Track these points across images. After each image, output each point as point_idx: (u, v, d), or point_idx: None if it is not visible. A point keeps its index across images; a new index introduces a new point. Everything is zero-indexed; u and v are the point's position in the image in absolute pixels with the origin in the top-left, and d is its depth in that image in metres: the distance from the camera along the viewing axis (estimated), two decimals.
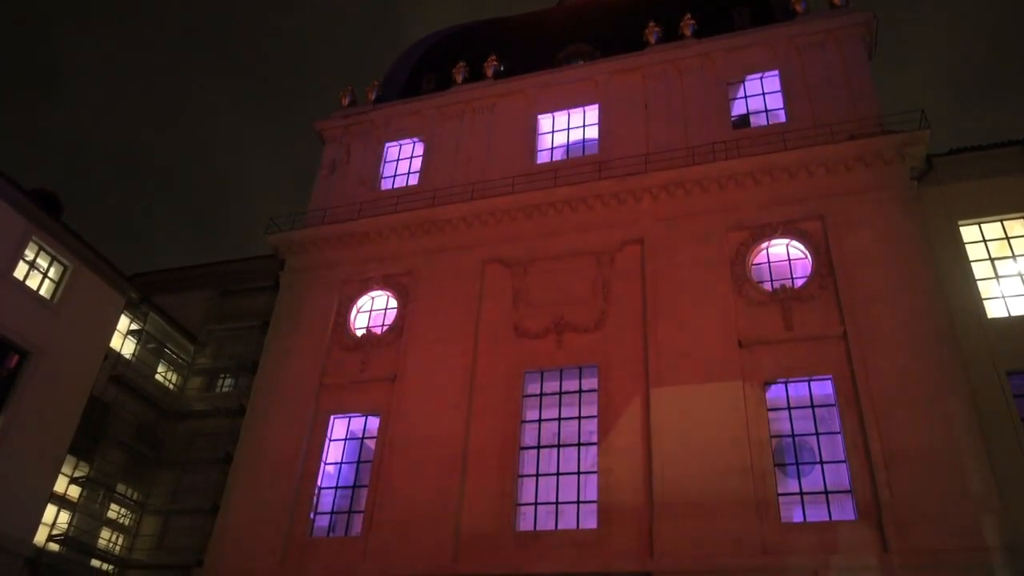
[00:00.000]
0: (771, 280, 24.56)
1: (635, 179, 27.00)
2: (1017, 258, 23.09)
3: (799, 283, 23.93)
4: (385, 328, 28.08)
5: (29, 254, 26.02)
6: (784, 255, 25.03)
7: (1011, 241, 23.33)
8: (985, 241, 23.47)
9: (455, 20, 51.05)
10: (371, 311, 29.29)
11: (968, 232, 23.57)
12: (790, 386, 22.55)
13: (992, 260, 23.18)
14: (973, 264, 22.96)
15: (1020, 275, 22.81)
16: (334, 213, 31.40)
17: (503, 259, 27.57)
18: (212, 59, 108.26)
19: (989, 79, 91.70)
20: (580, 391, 24.53)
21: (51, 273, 26.80)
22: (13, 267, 25.26)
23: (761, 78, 29.06)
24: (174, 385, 32.91)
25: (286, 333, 28.91)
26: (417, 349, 26.68)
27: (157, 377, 32.41)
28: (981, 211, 23.64)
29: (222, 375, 33.33)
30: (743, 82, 29.28)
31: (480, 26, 40.60)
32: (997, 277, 22.92)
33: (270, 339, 29.15)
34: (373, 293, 29.31)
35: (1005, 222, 23.52)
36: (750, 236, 25.03)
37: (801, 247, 24.71)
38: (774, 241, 25.08)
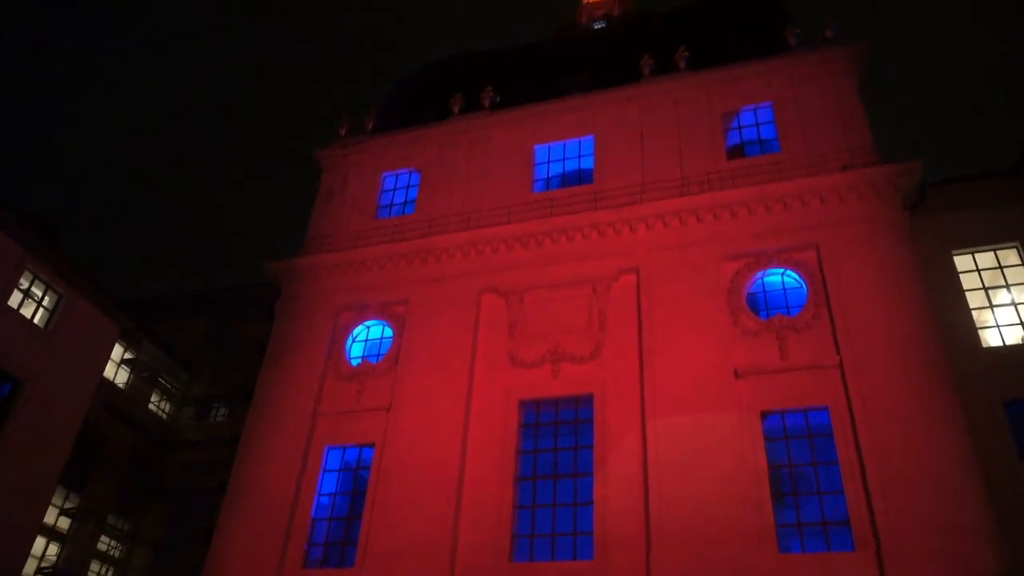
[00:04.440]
0: (766, 309, 24.63)
1: (630, 209, 27.13)
2: (1011, 287, 23.21)
3: (794, 312, 23.99)
4: (381, 357, 28.00)
5: (24, 282, 25.97)
6: (779, 284, 25.11)
7: (1004, 270, 23.46)
8: (979, 270, 23.59)
9: (452, 50, 51.75)
10: (367, 340, 29.23)
11: (962, 261, 23.70)
12: (787, 416, 22.49)
13: (986, 289, 23.29)
14: (967, 293, 23.06)
15: (1014, 304, 22.91)
16: (331, 241, 31.45)
17: (499, 289, 27.60)
18: (214, 90, 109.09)
19: (981, 108, 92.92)
20: (576, 421, 24.43)
21: (45, 301, 26.74)
22: (7, 296, 25.20)
23: (755, 109, 29.35)
24: (167, 414, 32.72)
25: (281, 361, 28.74)
26: (412, 378, 26.55)
27: (150, 406, 32.23)
28: (974, 240, 23.79)
29: (216, 404, 33.22)
30: (738, 113, 29.55)
31: (477, 56, 41.01)
32: (992, 306, 23.02)
33: (265, 367, 28.96)
34: (369, 322, 29.27)
35: (998, 251, 23.68)
36: (745, 265, 25.13)
37: (796, 276, 24.80)
38: (769, 270, 25.16)
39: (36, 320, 26.26)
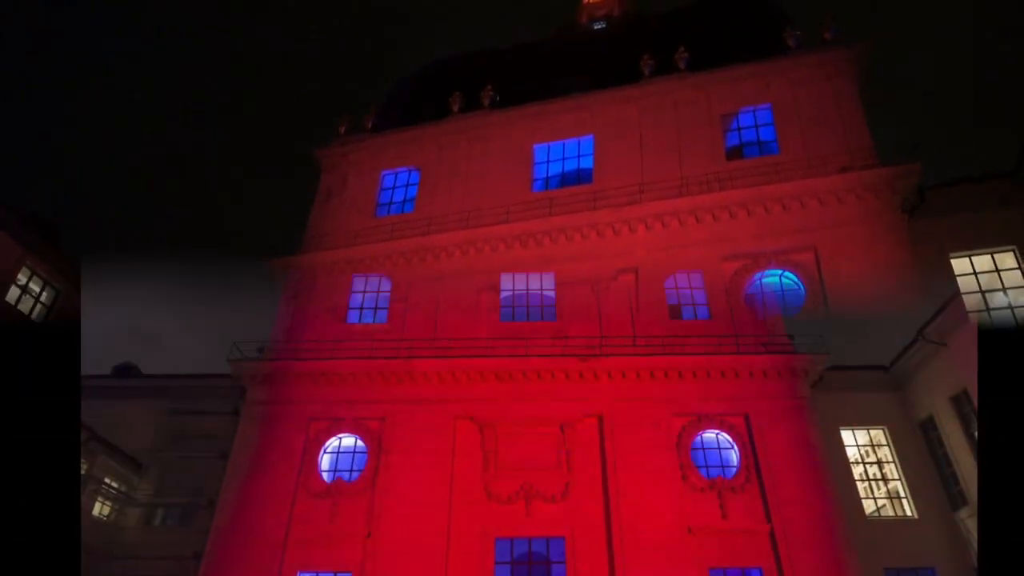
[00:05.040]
0: (706, 467, 23.78)
1: (630, 208, 27.15)
2: (1007, 291, 23.23)
3: (729, 474, 23.32)
4: (355, 474, 25.55)
5: (22, 278, 25.93)
6: (715, 443, 24.32)
7: (1001, 273, 23.48)
8: (975, 273, 23.61)
9: (452, 50, 51.73)
10: (338, 452, 26.33)
11: (959, 264, 23.71)
12: (728, 574, 21.85)
13: (983, 292, 23.30)
14: (964, 295, 22.99)
15: (1011, 307, 22.93)
16: (330, 239, 31.22)
17: (474, 417, 25.60)
18: (214, 90, 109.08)
19: (981, 109, 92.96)
20: (548, 562, 23.28)
21: (43, 298, 26.66)
22: (5, 292, 25.14)
23: (754, 110, 29.35)
24: (107, 517, 26.89)
25: (248, 472, 25.43)
26: (391, 506, 24.32)
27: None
28: (972, 243, 23.79)
29: (162, 510, 27.65)
30: (737, 114, 29.55)
31: (477, 56, 41.01)
32: (988, 310, 23.02)
33: (230, 478, 25.38)
34: (342, 435, 26.47)
35: (995, 254, 23.69)
36: (689, 422, 24.22)
37: (794, 277, 24.81)
38: (767, 271, 25.13)
39: (33, 317, 26.21)
